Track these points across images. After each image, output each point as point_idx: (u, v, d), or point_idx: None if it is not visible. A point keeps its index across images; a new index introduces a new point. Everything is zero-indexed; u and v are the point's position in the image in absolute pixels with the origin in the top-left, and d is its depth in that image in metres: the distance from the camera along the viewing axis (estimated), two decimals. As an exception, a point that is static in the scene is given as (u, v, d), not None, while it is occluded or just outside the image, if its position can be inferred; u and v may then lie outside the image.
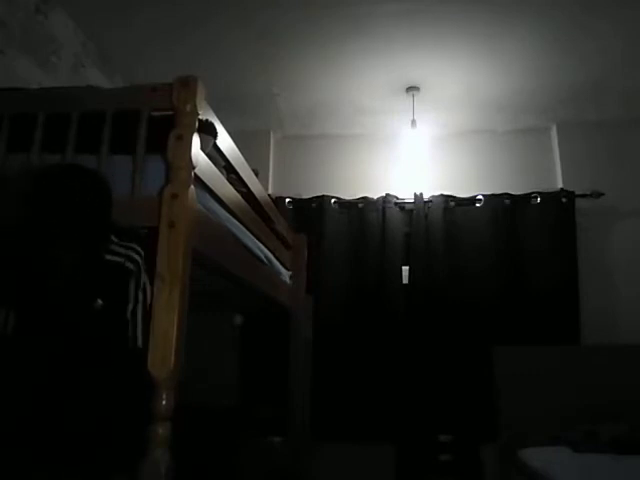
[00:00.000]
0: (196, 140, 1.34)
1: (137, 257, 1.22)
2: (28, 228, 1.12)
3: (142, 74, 3.01)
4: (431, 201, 3.67)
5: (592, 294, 3.42)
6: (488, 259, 3.51)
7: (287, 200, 3.76)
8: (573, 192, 3.55)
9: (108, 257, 1.20)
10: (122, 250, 1.22)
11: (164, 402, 1.16)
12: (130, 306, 1.21)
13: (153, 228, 1.26)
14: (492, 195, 3.63)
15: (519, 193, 3.62)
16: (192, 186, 1.31)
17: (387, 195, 3.71)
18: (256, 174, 2.15)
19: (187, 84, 1.35)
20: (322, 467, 2.87)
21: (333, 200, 3.76)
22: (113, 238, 1.21)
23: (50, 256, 1.13)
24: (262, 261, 2.10)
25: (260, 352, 3.04)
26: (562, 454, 2.45)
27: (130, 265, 1.21)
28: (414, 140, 3.71)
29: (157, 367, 1.16)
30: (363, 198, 3.75)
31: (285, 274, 2.57)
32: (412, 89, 3.43)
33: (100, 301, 1.17)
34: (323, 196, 3.74)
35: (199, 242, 1.35)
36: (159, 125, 1.38)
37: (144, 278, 1.24)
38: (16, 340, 1.20)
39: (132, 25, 2.87)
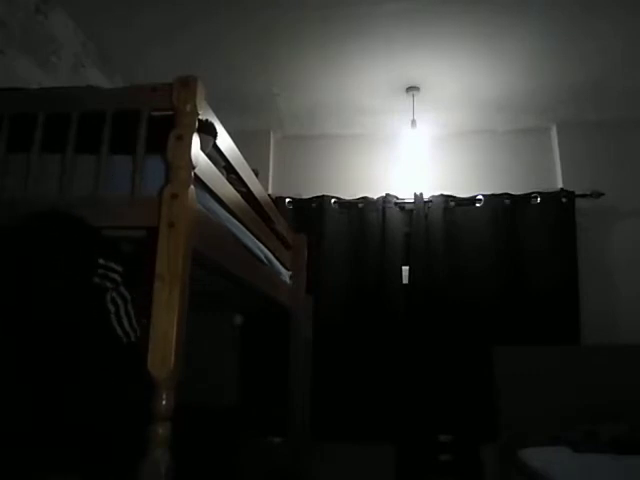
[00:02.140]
0: (196, 140, 1.34)
1: (115, 275, 1.28)
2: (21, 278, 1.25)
3: (142, 74, 3.01)
4: (431, 201, 3.67)
5: (592, 294, 3.42)
6: (488, 259, 3.51)
7: (287, 200, 3.76)
8: (573, 192, 3.55)
9: (95, 280, 1.27)
10: (103, 272, 1.27)
11: (164, 402, 1.16)
12: (112, 311, 1.27)
13: (153, 228, 1.26)
14: (492, 195, 3.63)
15: (519, 193, 3.62)
16: (192, 186, 1.31)
17: (387, 195, 3.71)
18: (256, 174, 2.15)
19: (187, 84, 1.35)
20: (322, 467, 2.87)
21: (333, 200, 3.76)
22: (100, 261, 1.27)
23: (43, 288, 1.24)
24: (262, 261, 2.09)
25: (260, 352, 3.04)
26: (562, 454, 2.45)
27: (107, 283, 1.27)
28: (414, 140, 3.71)
29: (157, 367, 1.16)
30: (363, 198, 3.75)
31: (285, 274, 2.56)
32: (412, 89, 3.43)
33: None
34: (323, 196, 3.74)
35: (199, 242, 1.35)
36: (159, 125, 1.38)
37: (122, 289, 1.29)
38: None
39: (132, 25, 2.87)
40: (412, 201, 3.69)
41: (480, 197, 3.65)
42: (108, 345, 1.27)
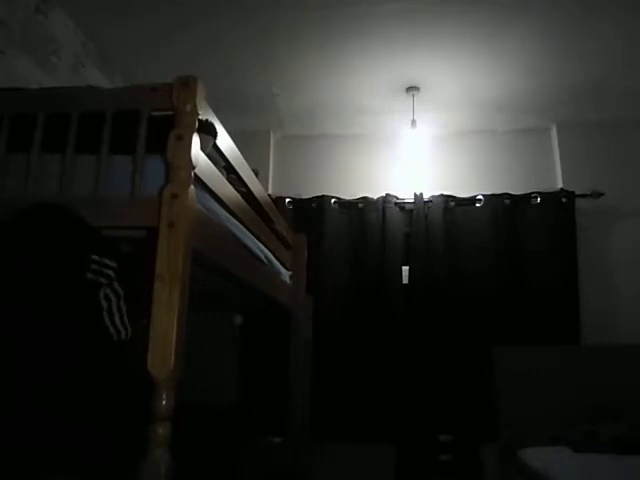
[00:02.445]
0: (196, 140, 1.34)
1: (109, 271, 1.29)
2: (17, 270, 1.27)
3: (142, 74, 3.01)
4: (431, 201, 3.67)
5: (592, 294, 3.42)
6: (488, 259, 3.51)
7: (287, 200, 3.76)
8: (573, 192, 3.55)
9: (88, 275, 1.28)
10: (96, 267, 1.28)
11: (164, 402, 1.16)
12: (104, 307, 1.27)
13: (153, 228, 1.26)
14: (492, 195, 3.63)
15: (519, 193, 3.62)
16: (192, 186, 1.31)
17: (387, 195, 3.71)
18: (256, 174, 2.15)
19: (187, 84, 1.35)
20: (322, 467, 2.87)
21: (333, 200, 3.76)
22: (94, 257, 1.27)
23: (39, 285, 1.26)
24: (262, 261, 2.09)
25: (260, 352, 3.04)
26: (562, 454, 2.45)
27: (101, 279, 1.28)
28: (414, 140, 3.71)
29: (157, 367, 1.16)
30: (363, 198, 3.75)
31: (285, 274, 2.56)
32: (412, 89, 3.43)
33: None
34: (323, 196, 3.74)
35: (199, 242, 1.35)
36: (159, 125, 1.38)
37: (115, 285, 1.29)
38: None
39: (132, 25, 2.87)
40: (412, 201, 3.69)
41: (480, 197, 3.65)
42: (99, 342, 1.27)
